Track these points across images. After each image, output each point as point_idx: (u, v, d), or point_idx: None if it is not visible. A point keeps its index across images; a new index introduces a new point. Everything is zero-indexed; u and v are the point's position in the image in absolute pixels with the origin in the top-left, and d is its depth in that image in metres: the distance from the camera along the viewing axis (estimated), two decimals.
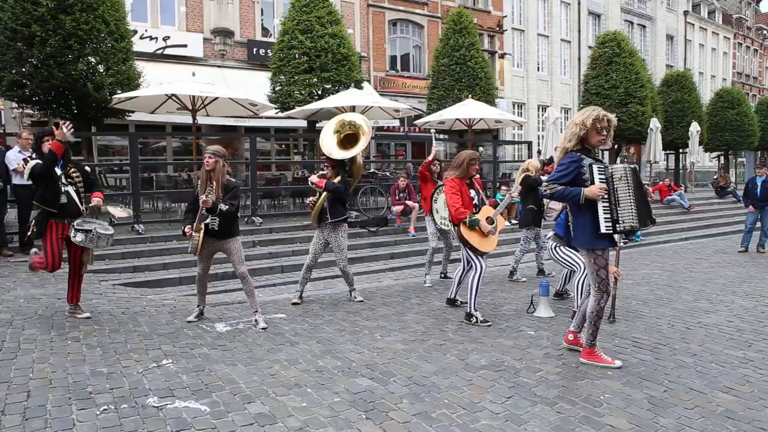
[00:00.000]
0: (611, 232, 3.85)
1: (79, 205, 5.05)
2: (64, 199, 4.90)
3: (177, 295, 6.84)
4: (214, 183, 4.89)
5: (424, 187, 7.27)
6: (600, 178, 3.84)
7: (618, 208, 3.84)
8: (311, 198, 6.07)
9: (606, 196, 3.83)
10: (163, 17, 16.73)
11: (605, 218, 3.83)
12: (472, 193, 5.37)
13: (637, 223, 3.87)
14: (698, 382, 3.79)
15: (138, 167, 9.42)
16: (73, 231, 4.91)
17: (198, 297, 5.43)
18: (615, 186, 3.86)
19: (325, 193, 5.92)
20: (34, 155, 5.04)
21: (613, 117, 3.96)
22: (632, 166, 4.08)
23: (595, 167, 3.87)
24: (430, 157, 7.48)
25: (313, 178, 6.05)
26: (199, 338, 4.73)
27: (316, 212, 5.99)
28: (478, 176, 5.65)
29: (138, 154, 9.46)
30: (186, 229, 4.99)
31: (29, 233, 4.96)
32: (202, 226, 4.93)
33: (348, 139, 6.16)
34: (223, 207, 4.88)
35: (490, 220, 5.31)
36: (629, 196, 3.84)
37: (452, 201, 5.26)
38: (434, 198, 6.96)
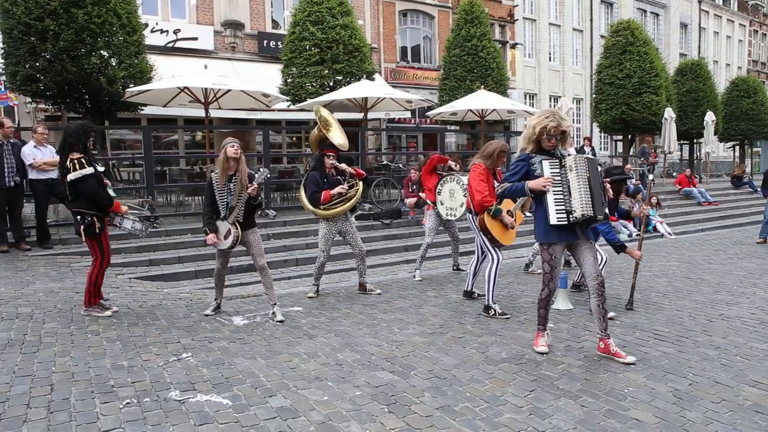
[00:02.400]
0: (565, 222, 3.89)
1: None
2: (113, 194, 5.13)
3: (193, 288, 6.87)
4: (240, 174, 4.93)
5: (428, 179, 7.18)
6: (552, 172, 3.91)
7: (570, 199, 3.88)
8: (341, 188, 5.82)
9: (558, 189, 3.89)
10: (173, 10, 16.72)
11: (557, 210, 3.90)
12: (496, 184, 5.28)
13: (590, 211, 3.86)
14: (724, 375, 3.73)
15: (152, 161, 9.45)
16: (129, 222, 5.20)
17: (215, 290, 5.44)
18: (567, 177, 3.90)
19: (362, 183, 5.90)
20: (87, 158, 4.98)
21: (566, 124, 3.95)
22: (590, 156, 4.08)
23: (545, 162, 3.93)
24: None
25: (349, 168, 5.93)
26: (217, 331, 4.73)
27: (355, 202, 5.90)
28: (500, 168, 5.58)
29: (152, 148, 9.48)
30: (209, 238, 5.04)
31: (95, 229, 5.02)
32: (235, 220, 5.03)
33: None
34: (255, 186, 5.01)
35: (510, 214, 5.29)
36: (580, 185, 3.87)
37: (480, 188, 5.14)
38: (438, 190, 6.85)
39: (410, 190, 10.55)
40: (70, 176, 4.82)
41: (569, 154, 4.01)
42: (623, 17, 22.72)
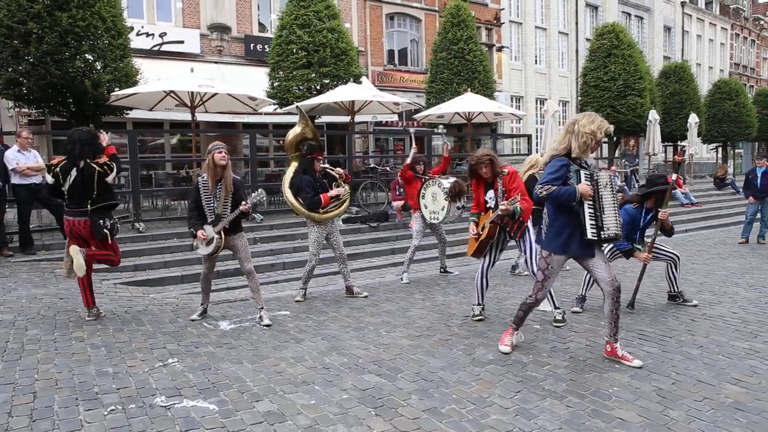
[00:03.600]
0: (596, 239, 3.84)
1: None
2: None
3: (179, 293, 6.83)
4: (225, 180, 4.93)
5: (409, 187, 7.23)
6: (587, 184, 3.85)
7: (603, 215, 3.85)
8: (338, 190, 5.88)
9: (590, 202, 3.84)
10: (159, 13, 16.60)
11: (591, 224, 3.83)
12: (489, 194, 4.97)
13: (619, 231, 3.87)
14: (706, 374, 3.79)
15: (137, 165, 9.38)
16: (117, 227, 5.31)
17: (201, 295, 5.40)
18: (600, 193, 3.86)
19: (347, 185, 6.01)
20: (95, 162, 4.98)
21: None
22: (613, 175, 4.10)
23: (582, 173, 3.86)
24: (408, 160, 7.37)
25: (342, 171, 6.02)
26: (203, 336, 4.71)
27: (348, 205, 5.96)
28: (511, 169, 5.06)
29: (137, 152, 9.41)
30: (199, 234, 4.97)
31: (116, 233, 5.17)
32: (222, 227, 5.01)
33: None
34: (249, 205, 5.05)
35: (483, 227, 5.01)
36: (613, 204, 3.87)
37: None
38: (422, 193, 6.87)
39: (397, 193, 10.58)
40: (110, 178, 4.97)
41: (596, 168, 4.02)
42: (608, 20, 22.97)
